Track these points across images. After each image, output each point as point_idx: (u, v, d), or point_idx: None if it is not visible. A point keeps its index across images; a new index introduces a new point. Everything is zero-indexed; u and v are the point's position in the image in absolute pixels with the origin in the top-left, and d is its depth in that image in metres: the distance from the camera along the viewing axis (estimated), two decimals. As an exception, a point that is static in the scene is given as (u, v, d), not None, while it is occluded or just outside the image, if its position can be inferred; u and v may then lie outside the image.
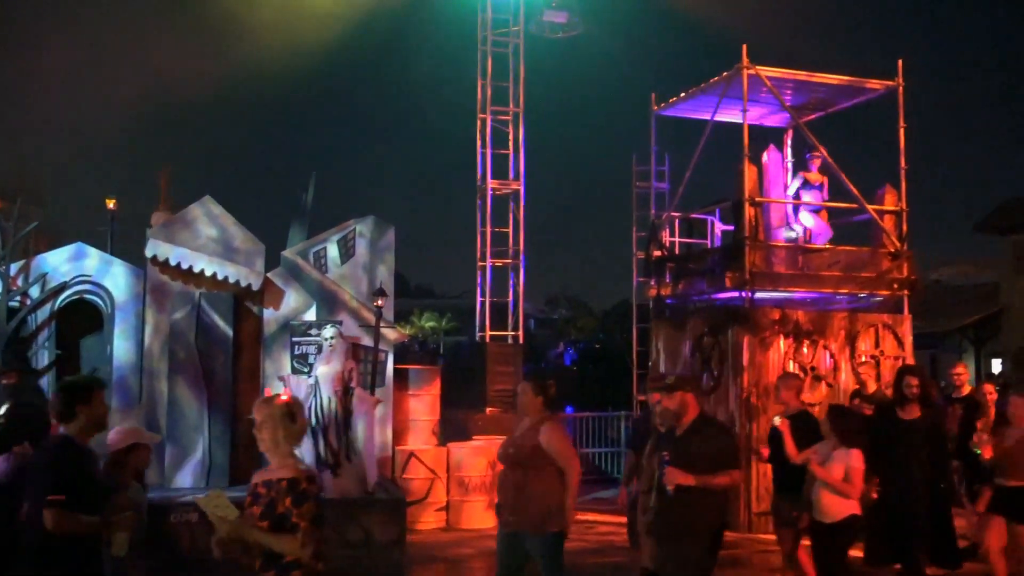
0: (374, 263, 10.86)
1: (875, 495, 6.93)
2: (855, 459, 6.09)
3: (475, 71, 14.00)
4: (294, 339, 9.85)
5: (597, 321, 47.96)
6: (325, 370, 8.91)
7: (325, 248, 10.68)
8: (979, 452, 6.69)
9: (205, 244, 9.58)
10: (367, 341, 10.13)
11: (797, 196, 11.67)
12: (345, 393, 8.78)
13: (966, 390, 8.75)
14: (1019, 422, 6.61)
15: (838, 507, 6.10)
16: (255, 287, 9.76)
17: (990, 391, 8.09)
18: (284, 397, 3.97)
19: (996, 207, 32.34)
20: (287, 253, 10.49)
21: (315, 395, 8.77)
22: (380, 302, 9.72)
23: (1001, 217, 31.41)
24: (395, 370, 10.76)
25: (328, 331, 9.11)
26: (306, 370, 9.69)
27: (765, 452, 7.24)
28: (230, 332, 9.96)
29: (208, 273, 9.52)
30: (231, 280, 9.60)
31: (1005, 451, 6.60)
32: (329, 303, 10.27)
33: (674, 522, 5.11)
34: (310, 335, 9.97)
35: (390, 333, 10.62)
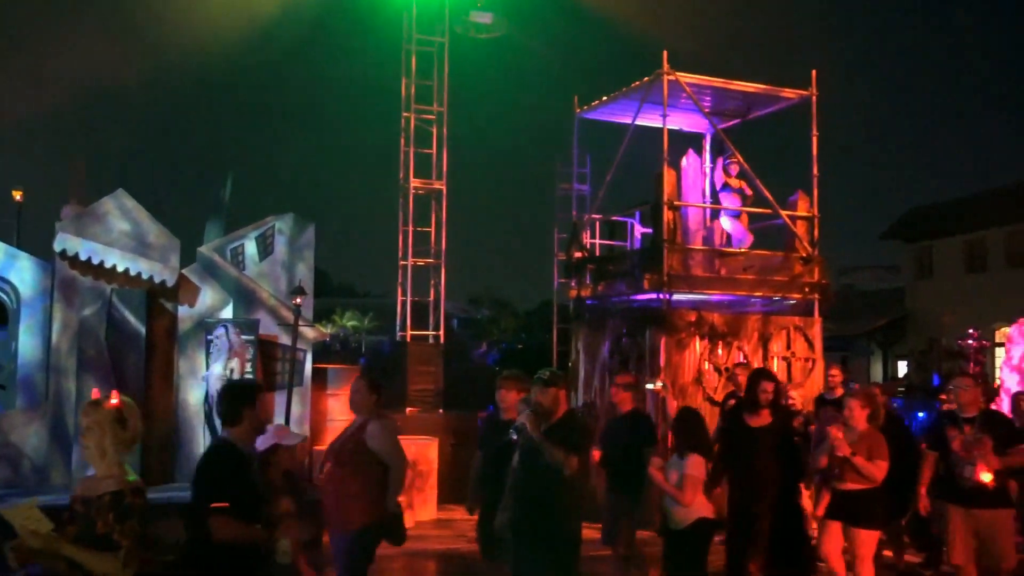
0: (293, 261, 10.74)
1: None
2: (690, 466, 6.12)
3: (400, 69, 13.94)
4: (209, 337, 9.66)
5: (520, 321, 48.24)
6: (216, 369, 8.79)
7: (243, 245, 10.52)
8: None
9: (117, 239, 9.33)
10: (285, 339, 10.02)
11: (718, 200, 11.93)
12: None
13: (839, 392, 8.77)
14: (856, 424, 6.56)
15: (683, 513, 6.15)
16: (169, 283, 9.55)
17: (875, 392, 7.81)
18: (114, 401, 3.68)
19: (902, 216, 33.62)
20: (203, 249, 10.29)
21: (206, 398, 8.65)
22: (299, 300, 9.61)
23: (906, 225, 32.66)
24: (314, 369, 10.65)
25: (218, 330, 8.99)
26: (247, 369, 9.52)
27: (596, 455, 6.92)
28: (143, 329, 9.73)
29: (120, 269, 9.28)
30: (144, 276, 9.38)
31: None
32: (247, 301, 10.12)
33: (532, 521, 5.10)
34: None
35: (309, 332, 10.51)
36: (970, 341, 17.15)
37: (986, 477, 6.33)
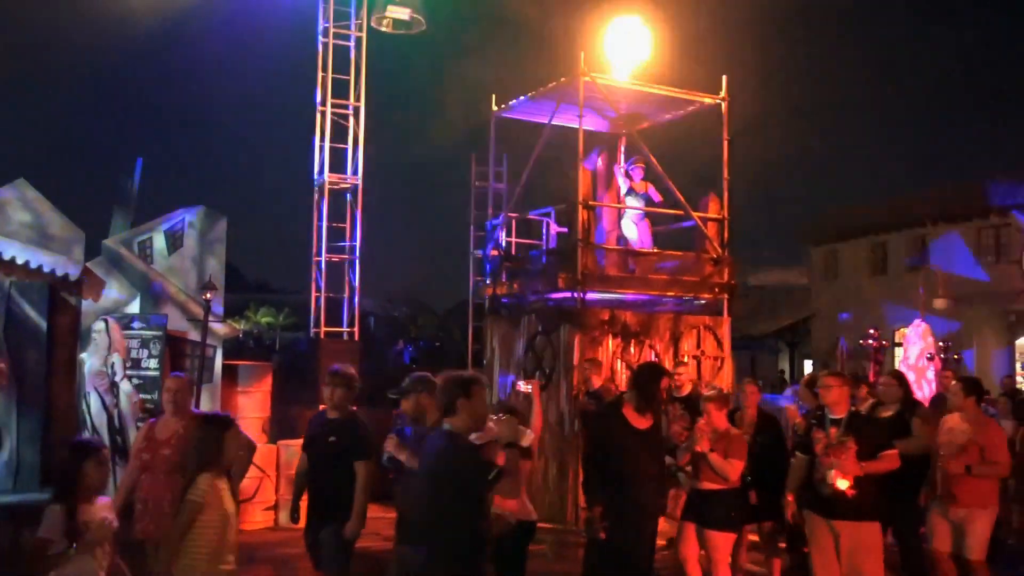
0: (204, 255, 10.51)
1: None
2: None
3: (315, 62, 13.76)
4: (94, 333, 9.39)
5: (438, 319, 48.08)
6: (94, 364, 8.56)
7: (151, 238, 10.25)
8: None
9: (17, 230, 8.97)
10: (195, 336, 9.81)
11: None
12: (111, 390, 8.45)
13: (686, 390, 8.63)
14: (716, 424, 6.43)
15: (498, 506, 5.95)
16: (72, 277, 9.23)
17: (752, 391, 7.71)
18: None
19: (810, 219, 34.72)
20: (109, 242, 10.00)
21: (81, 397, 8.43)
22: (209, 295, 9.42)
23: (813, 228, 33.74)
24: (224, 366, 10.46)
25: (97, 324, 8.77)
26: (128, 364, 9.27)
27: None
28: (44, 324, 9.37)
29: (20, 261, 8.92)
30: (46, 269, 9.05)
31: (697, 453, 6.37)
32: (154, 296, 9.88)
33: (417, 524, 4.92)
34: (132, 329, 9.55)
35: (219, 328, 10.31)
36: (870, 341, 17.78)
37: (842, 484, 5.74)
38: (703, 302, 11.93)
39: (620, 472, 5.73)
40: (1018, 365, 27.65)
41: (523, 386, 7.25)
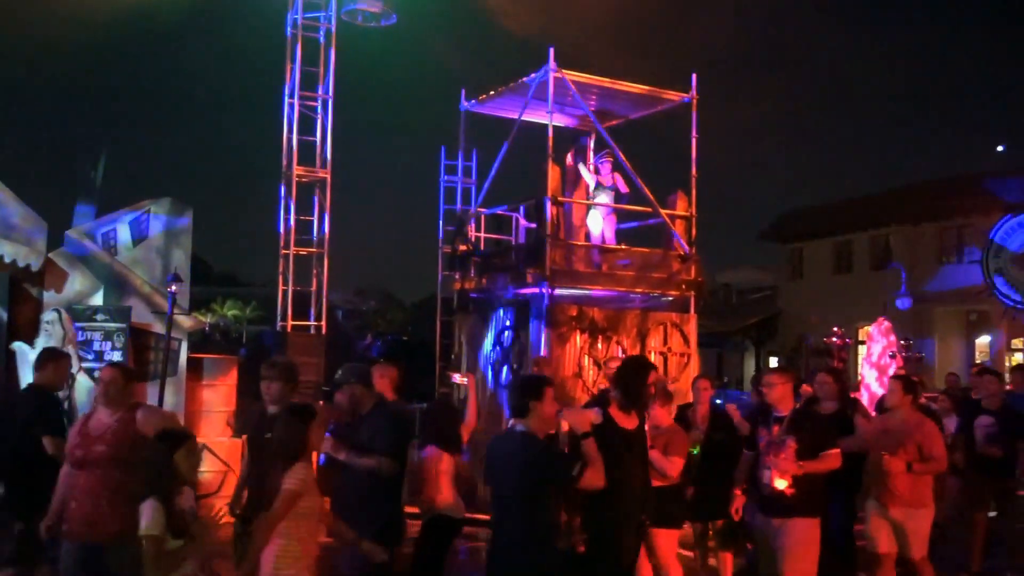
0: (169, 247, 10.40)
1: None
2: (427, 459, 5.97)
3: (284, 53, 13.65)
4: (78, 325, 9.27)
5: (407, 313, 47.95)
6: None
7: (115, 229, 10.12)
8: None
9: (-23, 220, 8.86)
10: (159, 328, 9.71)
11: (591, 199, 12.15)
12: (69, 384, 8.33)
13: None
14: (659, 421, 6.30)
15: (422, 505, 5.98)
16: (35, 268, 9.12)
17: (705, 387, 7.61)
18: None
19: (777, 218, 35.04)
20: (72, 232, 9.86)
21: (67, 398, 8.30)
22: (174, 288, 9.32)
23: (781, 227, 34.06)
24: (189, 359, 10.36)
25: (48, 315, 8.66)
26: (90, 357, 9.17)
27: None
28: (4, 315, 9.25)
29: (-20, 251, 8.81)
30: (7, 259, 8.93)
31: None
32: (118, 287, 9.75)
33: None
34: (96, 321, 9.44)
35: (185, 320, 10.21)
36: (834, 339, 18.03)
37: (780, 484, 5.65)
38: (670, 299, 12.00)
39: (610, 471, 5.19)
40: (978, 362, 28.15)
41: (458, 378, 7.17)
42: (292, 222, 13.47)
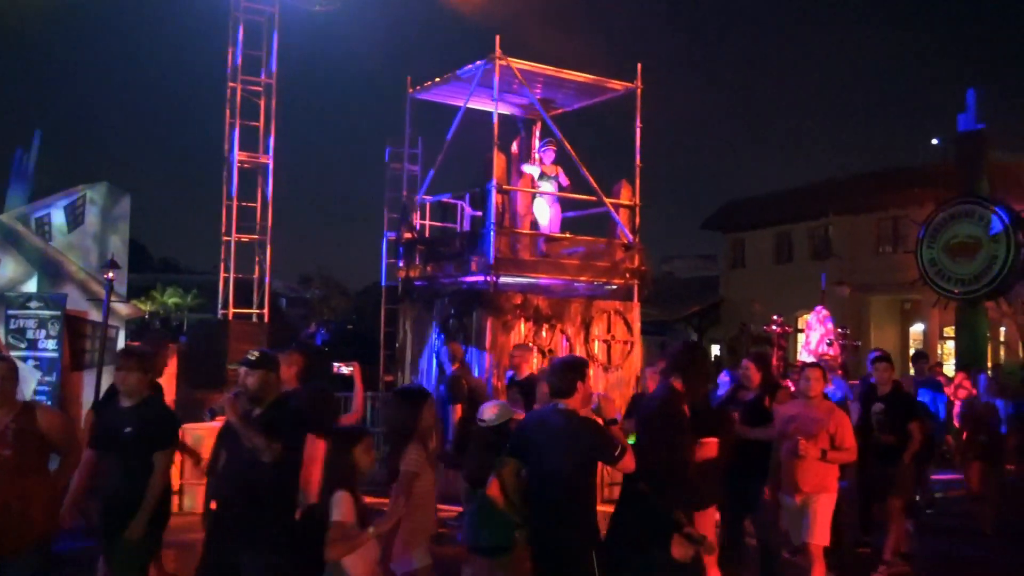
0: (106, 233, 10.21)
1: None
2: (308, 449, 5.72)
3: (226, 37, 13.42)
4: (10, 312, 9.06)
5: (351, 301, 47.57)
6: None
7: (50, 214, 9.90)
8: None
9: (-97, 203, 8.58)
10: (96, 316, 9.52)
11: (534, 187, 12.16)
12: None
13: (524, 373, 8.52)
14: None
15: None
16: (-36, 253, 8.87)
17: (653, 376, 7.37)
18: None
19: (719, 208, 35.54)
20: (4, 217, 9.62)
21: None
22: (111, 274, 9.14)
23: (723, 217, 34.58)
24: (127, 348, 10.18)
25: None
26: (23, 345, 8.96)
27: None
28: (-68, 303, 9.00)
29: (-95, 236, 8.54)
30: (-66, 245, 8.68)
31: None
32: (52, 274, 9.54)
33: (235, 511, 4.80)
34: (29, 308, 9.22)
35: (122, 308, 10.03)
36: (774, 327, 18.36)
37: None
38: (614, 287, 12.10)
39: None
40: (911, 351, 28.92)
41: (344, 368, 7.08)
42: (234, 208, 13.30)
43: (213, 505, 5.28)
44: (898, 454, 7.71)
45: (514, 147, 12.53)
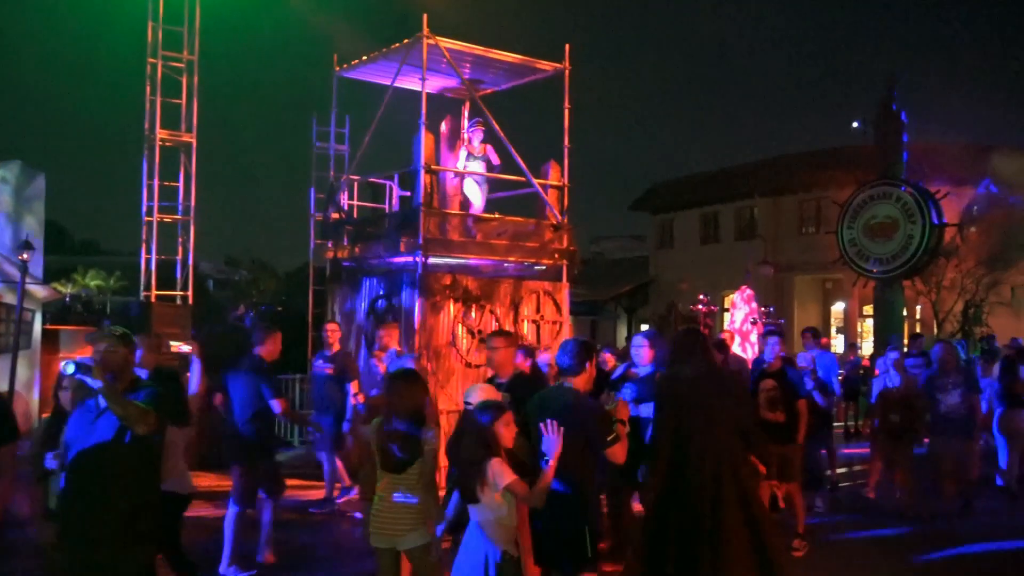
0: (20, 213, 9.90)
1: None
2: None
3: (146, 12, 13.04)
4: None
5: (280, 283, 46.91)
6: None
7: (-41, 194, 9.54)
8: None
9: None
10: (10, 299, 9.23)
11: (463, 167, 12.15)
12: None
13: (508, 371, 7.30)
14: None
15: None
16: None
17: (610, 360, 7.64)
18: None
19: (647, 189, 35.95)
20: (-90, 197, 9.23)
21: None
22: (26, 256, 8.87)
23: (651, 198, 34.99)
24: (44, 331, 9.90)
25: None
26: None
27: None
28: None
29: None
30: None
31: None
32: (-37, 255, 9.20)
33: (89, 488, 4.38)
34: (-62, 291, 8.88)
35: (39, 290, 9.75)
36: (700, 306, 18.70)
37: None
38: (543, 268, 12.16)
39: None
40: (832, 329, 29.74)
41: (184, 347, 7.00)
42: (156, 188, 12.99)
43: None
44: (787, 432, 7.67)
45: (444, 127, 12.47)
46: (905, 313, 21.77)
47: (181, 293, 13.35)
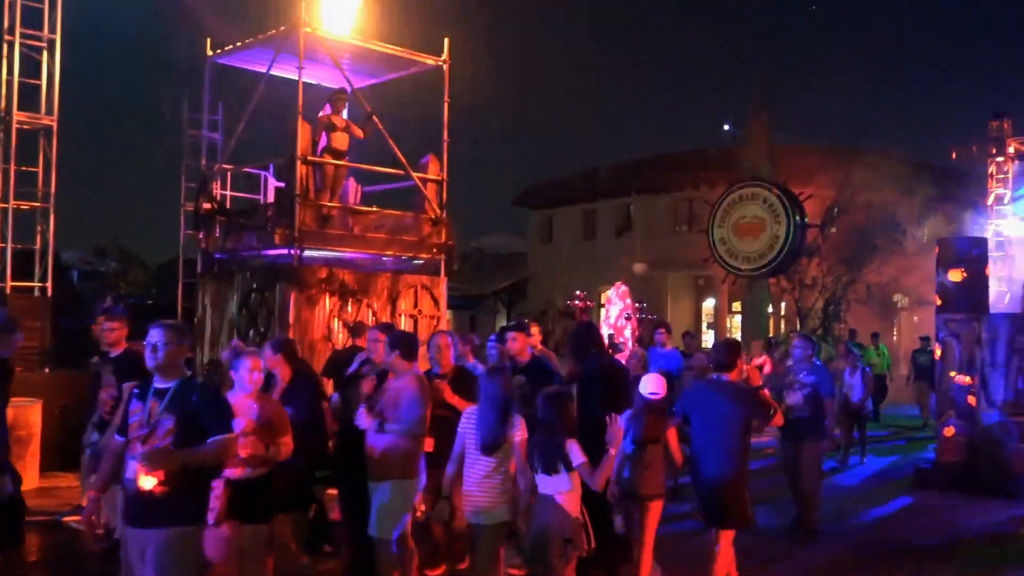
0: None
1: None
2: None
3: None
4: None
5: (151, 275, 45.10)
6: None
7: None
8: None
9: None
10: None
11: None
12: None
13: (448, 360, 7.25)
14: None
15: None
16: None
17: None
18: None
19: (528, 186, 36.31)
20: None
21: None
22: None
23: (532, 194, 35.35)
24: None
25: None
26: None
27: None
28: None
29: None
30: None
31: None
32: None
33: None
34: None
35: None
36: (577, 302, 19.01)
37: (146, 483, 4.06)
38: (421, 262, 12.15)
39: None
40: (704, 324, 30.77)
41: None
42: (12, 173, 12.31)
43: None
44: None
45: (322, 116, 12.26)
46: (771, 310, 22.68)
47: (40, 284, 12.70)
